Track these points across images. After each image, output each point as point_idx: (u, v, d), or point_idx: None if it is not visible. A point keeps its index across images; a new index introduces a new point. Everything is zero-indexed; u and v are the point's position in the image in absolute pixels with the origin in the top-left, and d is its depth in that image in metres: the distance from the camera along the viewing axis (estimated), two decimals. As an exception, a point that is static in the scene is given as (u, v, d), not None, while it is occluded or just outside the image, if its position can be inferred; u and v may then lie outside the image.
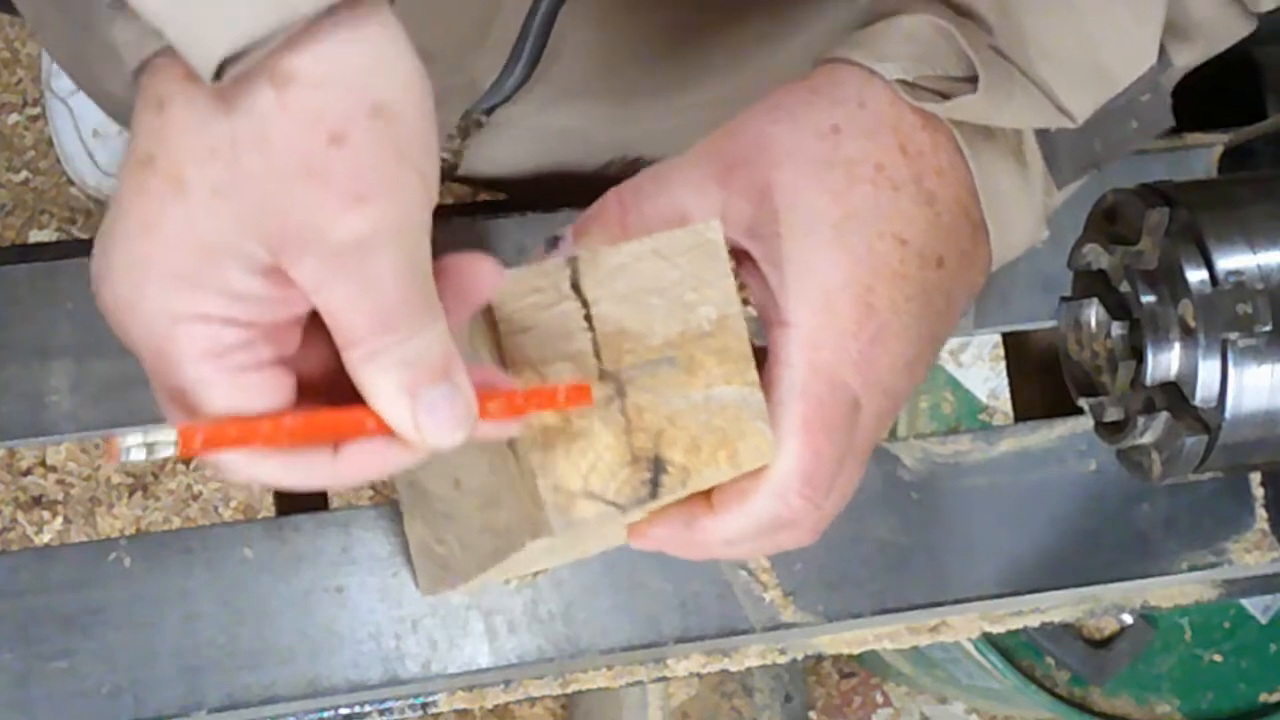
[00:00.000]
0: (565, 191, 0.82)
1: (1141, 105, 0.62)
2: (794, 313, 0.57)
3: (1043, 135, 0.62)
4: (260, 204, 0.46)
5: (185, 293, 0.48)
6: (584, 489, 0.55)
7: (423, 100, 0.48)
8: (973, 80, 0.58)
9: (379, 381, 0.49)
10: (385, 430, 0.50)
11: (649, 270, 0.56)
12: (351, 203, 0.47)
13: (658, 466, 0.56)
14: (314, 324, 0.50)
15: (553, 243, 0.61)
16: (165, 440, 0.48)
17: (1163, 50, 0.63)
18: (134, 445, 0.48)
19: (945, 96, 0.58)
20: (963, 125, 0.59)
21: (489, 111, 0.87)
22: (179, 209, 0.47)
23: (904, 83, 0.58)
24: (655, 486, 0.56)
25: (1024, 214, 0.62)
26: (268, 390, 0.50)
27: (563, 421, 0.55)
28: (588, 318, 0.56)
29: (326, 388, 0.52)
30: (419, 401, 0.49)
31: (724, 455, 0.57)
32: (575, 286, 0.56)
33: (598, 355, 0.56)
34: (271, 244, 0.47)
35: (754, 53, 0.84)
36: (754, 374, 0.57)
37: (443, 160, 0.92)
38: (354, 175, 0.46)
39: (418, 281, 0.49)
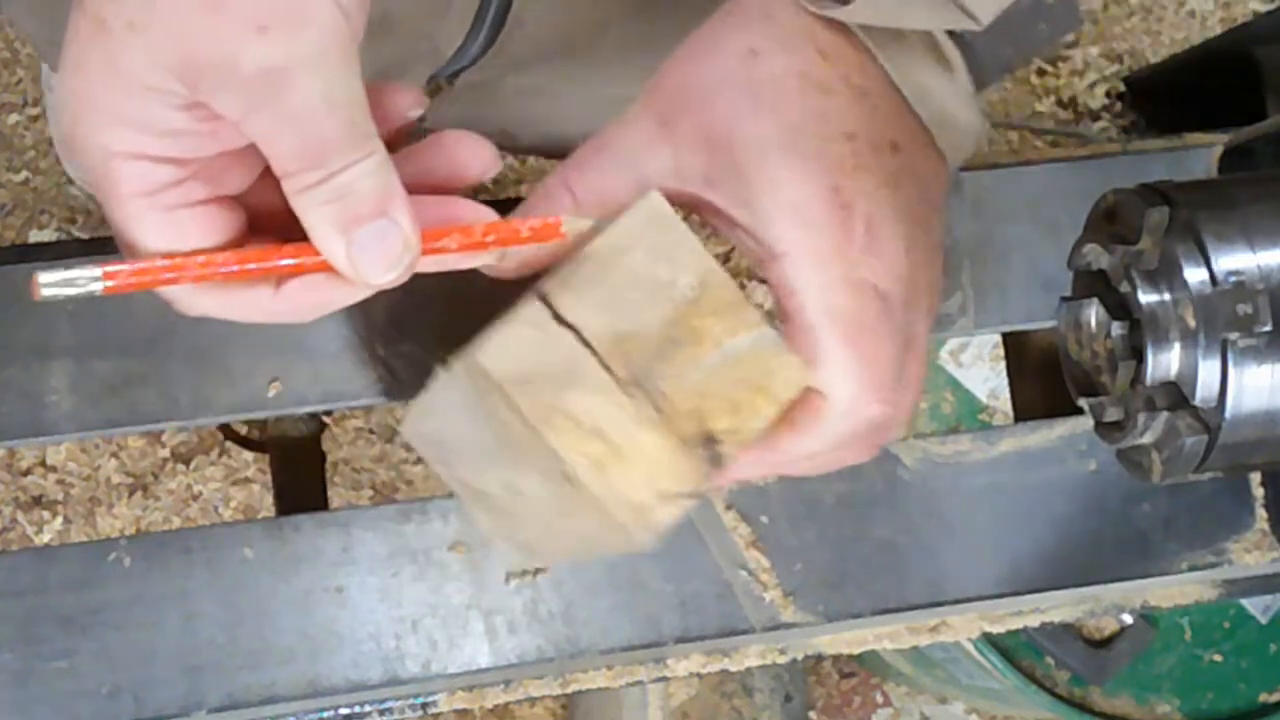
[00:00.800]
0: (532, 152, 0.82)
1: (1048, 7, 0.62)
2: (780, 241, 0.56)
3: (957, 39, 0.61)
4: (170, 38, 0.47)
5: (115, 129, 0.49)
6: (655, 495, 0.55)
7: None
8: None
9: (311, 215, 0.50)
10: (324, 266, 0.50)
11: (615, 268, 0.56)
12: (254, 33, 0.47)
13: (709, 441, 0.55)
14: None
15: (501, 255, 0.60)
16: (89, 276, 0.48)
17: None
18: (53, 283, 0.48)
19: (845, 3, 0.58)
20: (871, 31, 0.59)
21: (453, 77, 0.87)
22: (100, 47, 0.48)
23: None
24: (717, 458, 0.55)
25: (959, 107, 0.61)
26: (202, 229, 0.50)
27: (605, 445, 0.54)
28: (584, 342, 0.55)
29: (286, 222, 0.52)
30: (353, 236, 0.50)
31: (763, 400, 0.56)
32: (558, 319, 0.55)
33: (609, 370, 0.55)
34: (186, 77, 0.48)
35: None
36: (754, 313, 0.56)
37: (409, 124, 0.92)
38: (254, 5, 0.47)
39: (340, 112, 0.49)
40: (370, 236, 0.50)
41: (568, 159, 0.59)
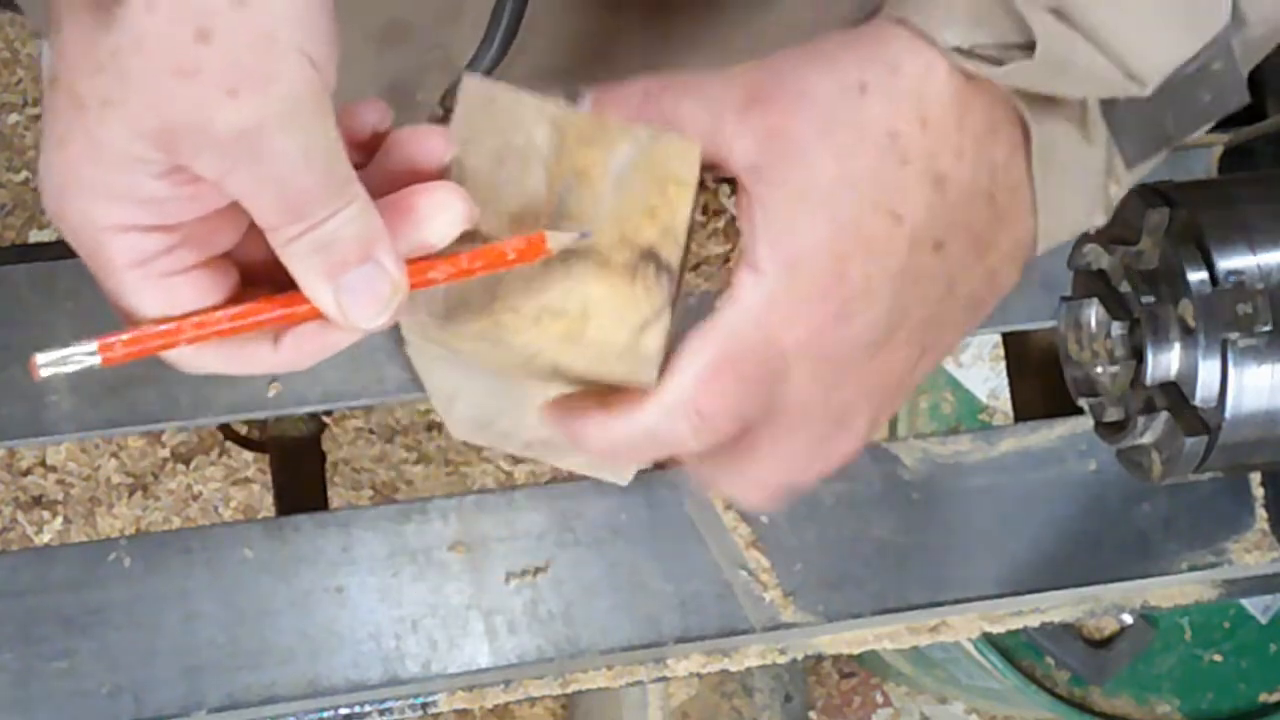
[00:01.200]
0: None
1: (1213, 74, 0.59)
2: (763, 261, 0.55)
3: (1109, 108, 0.58)
4: (144, 109, 0.48)
5: (102, 204, 0.50)
6: (633, 331, 0.55)
7: None
8: (1030, 47, 0.55)
9: (297, 266, 0.50)
10: (317, 314, 0.51)
11: (476, 161, 0.56)
12: (225, 97, 0.47)
13: (649, 256, 0.55)
14: None
15: (572, 97, 0.60)
16: (82, 352, 0.49)
17: (1235, 7, 0.60)
18: (48, 363, 0.49)
19: (999, 64, 0.56)
20: (1023, 95, 0.57)
21: None
22: (79, 124, 0.49)
23: (959, 50, 0.56)
24: (665, 265, 0.55)
25: (1081, 191, 0.59)
26: (196, 293, 0.51)
27: (562, 319, 0.55)
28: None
29: (276, 272, 0.52)
30: (339, 284, 0.50)
31: (673, 189, 0.56)
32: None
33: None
34: (164, 145, 0.48)
35: (734, 25, 0.84)
36: (616, 123, 0.56)
37: None
38: (224, 69, 0.47)
39: (320, 164, 0.49)
40: (357, 282, 0.51)
41: (645, 79, 0.58)
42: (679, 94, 0.58)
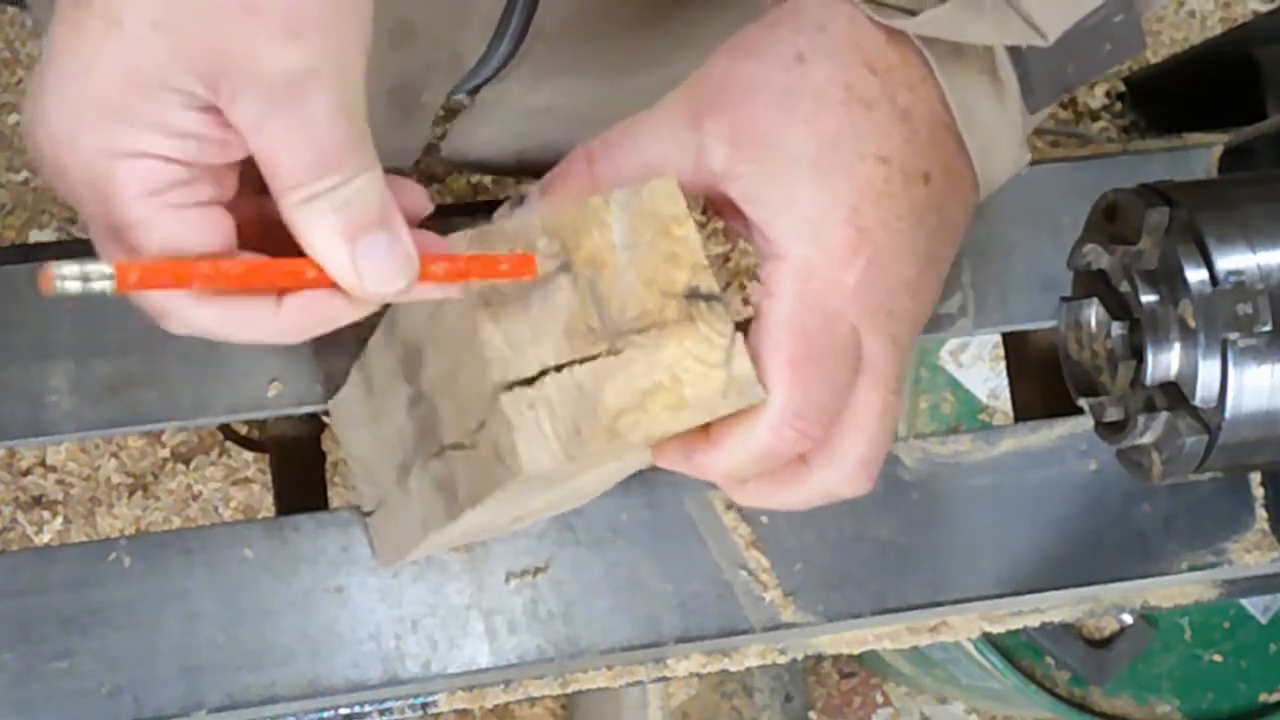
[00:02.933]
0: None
1: (1114, 26, 0.60)
2: (781, 244, 0.56)
3: (1015, 56, 0.60)
4: (197, 37, 0.47)
5: (124, 129, 0.49)
6: (720, 359, 0.55)
7: None
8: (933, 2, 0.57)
9: (317, 225, 0.50)
10: (326, 281, 0.50)
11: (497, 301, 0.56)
12: (286, 36, 0.47)
13: (693, 295, 0.56)
14: (244, 179, 0.50)
15: (518, 201, 0.60)
16: (101, 273, 0.48)
17: None
18: (70, 276, 0.47)
19: (912, 14, 0.57)
20: (932, 44, 0.58)
21: (474, 91, 0.87)
22: (116, 47, 0.48)
23: (870, 2, 0.57)
24: (711, 293, 0.56)
25: (1004, 135, 0.60)
26: (208, 229, 0.50)
27: (655, 392, 0.55)
28: (557, 369, 0.55)
29: (255, 244, 0.52)
30: (358, 246, 0.50)
31: (675, 227, 0.56)
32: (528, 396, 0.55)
33: (591, 359, 0.55)
34: (208, 79, 0.47)
35: (740, 22, 0.84)
36: (593, 201, 0.56)
37: (427, 142, 0.92)
38: (289, 9, 0.47)
39: (355, 123, 0.49)
40: (376, 245, 0.50)
41: (581, 148, 0.59)
42: (621, 144, 0.58)
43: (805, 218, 0.56)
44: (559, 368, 0.54)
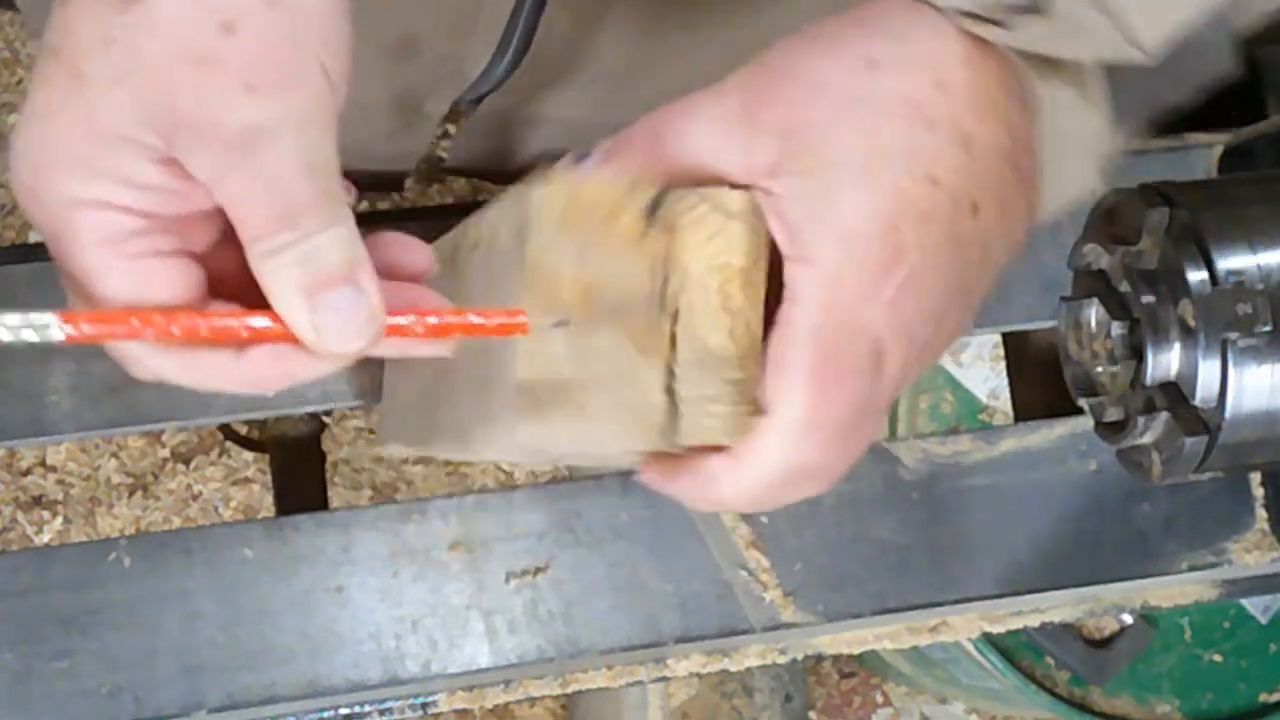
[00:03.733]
0: None
1: (1209, 44, 0.59)
2: (814, 249, 0.54)
3: (1107, 75, 0.58)
4: (154, 92, 0.47)
5: (83, 179, 0.48)
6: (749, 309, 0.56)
7: None
8: (1030, 10, 0.55)
9: (277, 279, 0.49)
10: (289, 336, 0.49)
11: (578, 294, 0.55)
12: (242, 92, 0.47)
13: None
14: (230, 223, 0.50)
15: (582, 156, 0.59)
16: (44, 322, 0.47)
17: None
18: (14, 326, 0.47)
19: (1004, 27, 0.55)
20: (1026, 57, 0.56)
21: (477, 102, 0.87)
22: (78, 98, 0.48)
23: (964, 13, 0.55)
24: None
25: (1082, 155, 0.59)
26: (168, 279, 0.50)
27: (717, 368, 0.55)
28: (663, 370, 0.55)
29: (245, 289, 0.51)
30: (317, 301, 0.49)
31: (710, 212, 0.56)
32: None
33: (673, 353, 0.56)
34: (165, 132, 0.47)
35: (744, 27, 0.83)
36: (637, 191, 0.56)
37: (430, 151, 0.92)
38: (245, 64, 0.47)
39: (318, 177, 0.48)
40: (336, 302, 0.49)
41: (647, 118, 0.58)
42: (677, 128, 0.57)
43: (844, 226, 0.54)
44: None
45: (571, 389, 0.54)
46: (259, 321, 0.50)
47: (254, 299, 0.50)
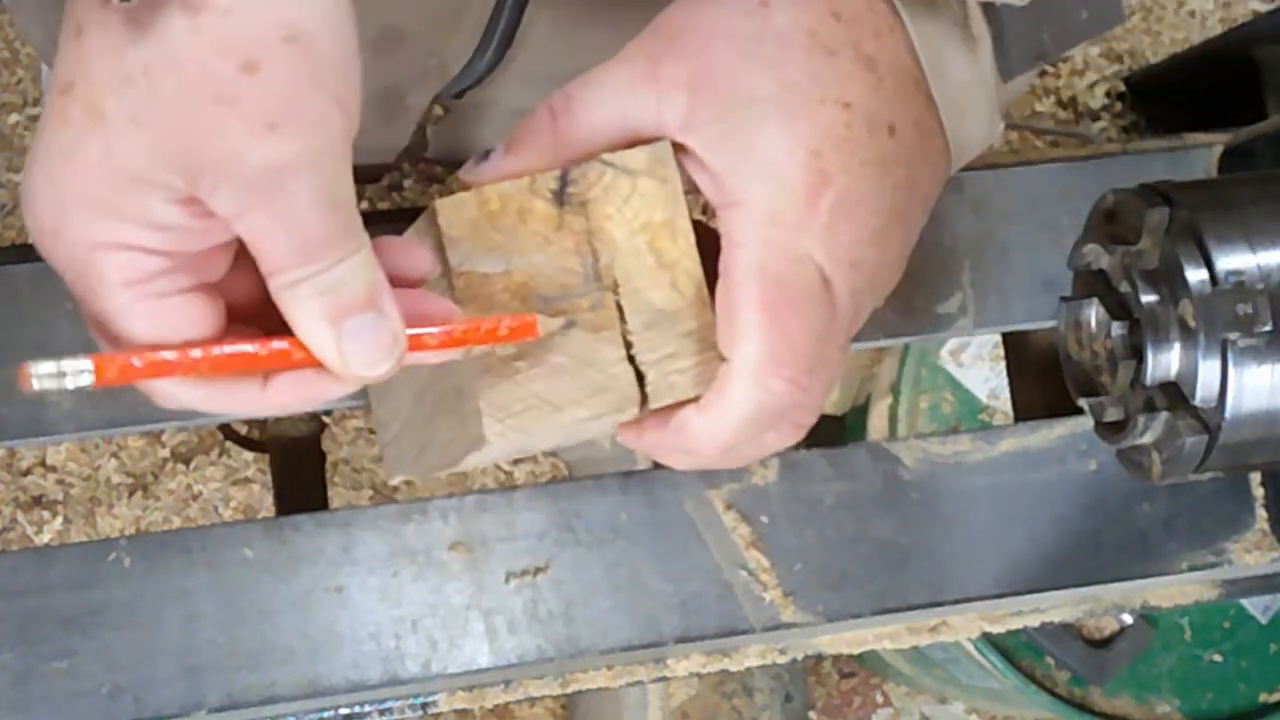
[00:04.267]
0: None
1: None
2: (741, 191, 0.55)
3: (989, 15, 0.59)
4: (174, 133, 0.47)
5: (105, 221, 0.48)
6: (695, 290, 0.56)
7: (340, 26, 0.48)
8: None
9: (301, 310, 0.49)
10: (312, 361, 0.50)
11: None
12: (264, 131, 0.47)
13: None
14: (244, 249, 0.50)
15: (484, 156, 0.59)
16: (79, 369, 0.48)
17: None
18: (45, 374, 0.48)
19: None
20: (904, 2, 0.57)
21: (459, 95, 0.87)
22: (97, 138, 0.48)
23: None
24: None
25: (977, 100, 0.60)
26: (191, 317, 0.50)
27: (670, 362, 0.56)
28: (637, 376, 0.56)
29: (259, 313, 0.52)
30: (342, 329, 0.49)
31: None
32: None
33: (629, 351, 0.56)
34: (187, 173, 0.47)
35: None
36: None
37: (412, 141, 0.92)
38: (266, 103, 0.47)
39: (338, 209, 0.49)
40: (360, 329, 0.50)
41: (546, 101, 0.58)
42: (583, 97, 0.58)
43: (767, 161, 0.55)
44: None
45: (536, 388, 0.55)
46: (283, 347, 0.50)
47: (272, 320, 0.51)
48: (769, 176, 0.55)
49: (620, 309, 0.56)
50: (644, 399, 0.56)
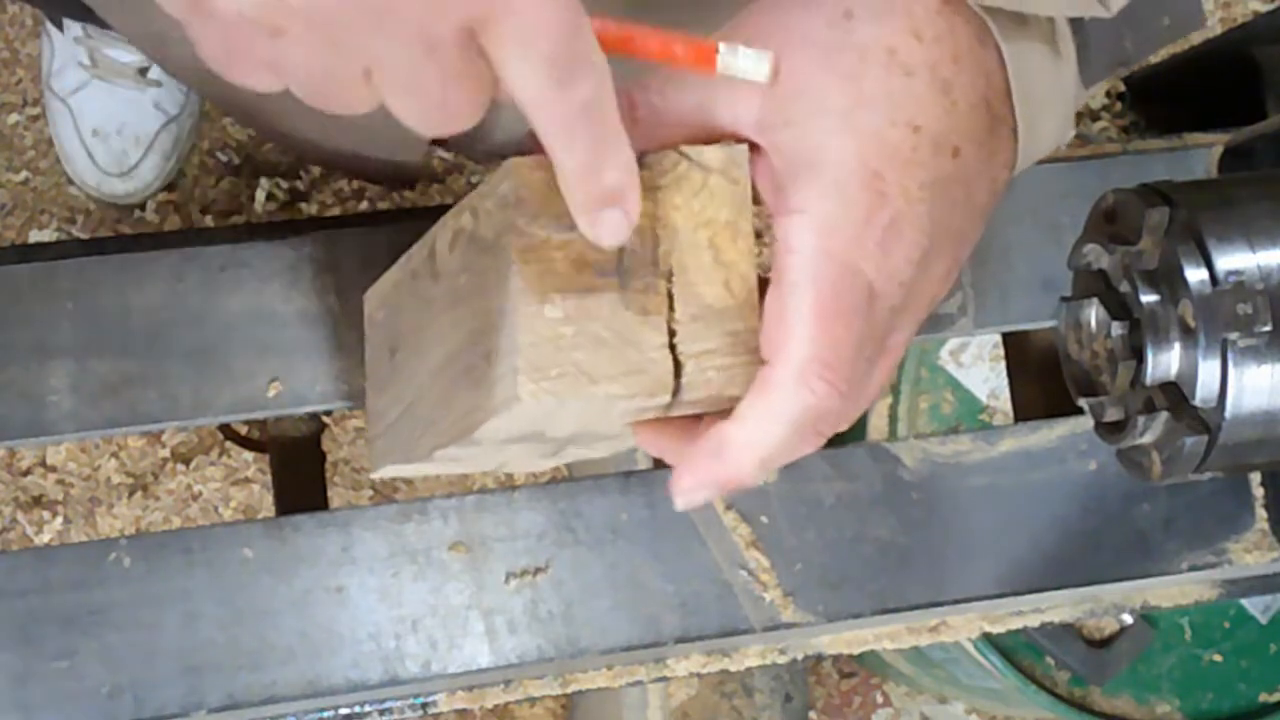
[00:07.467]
0: None
1: (1171, 1, 0.61)
2: (802, 199, 0.55)
3: (1075, 27, 0.59)
4: None
5: None
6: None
7: None
8: None
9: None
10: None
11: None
12: None
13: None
14: None
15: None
16: None
17: None
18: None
19: None
20: (995, 13, 0.57)
21: None
22: None
23: None
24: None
25: (1055, 108, 0.60)
26: None
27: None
28: (672, 349, 0.57)
29: None
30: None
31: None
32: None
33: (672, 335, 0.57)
34: None
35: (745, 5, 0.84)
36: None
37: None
38: None
39: None
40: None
41: (621, 89, 0.58)
42: (662, 90, 0.58)
43: (830, 174, 0.55)
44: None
45: (575, 356, 0.55)
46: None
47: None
48: (831, 190, 0.55)
49: (670, 297, 0.57)
50: (677, 389, 0.57)
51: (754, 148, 0.58)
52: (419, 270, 0.67)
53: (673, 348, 0.57)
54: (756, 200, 0.58)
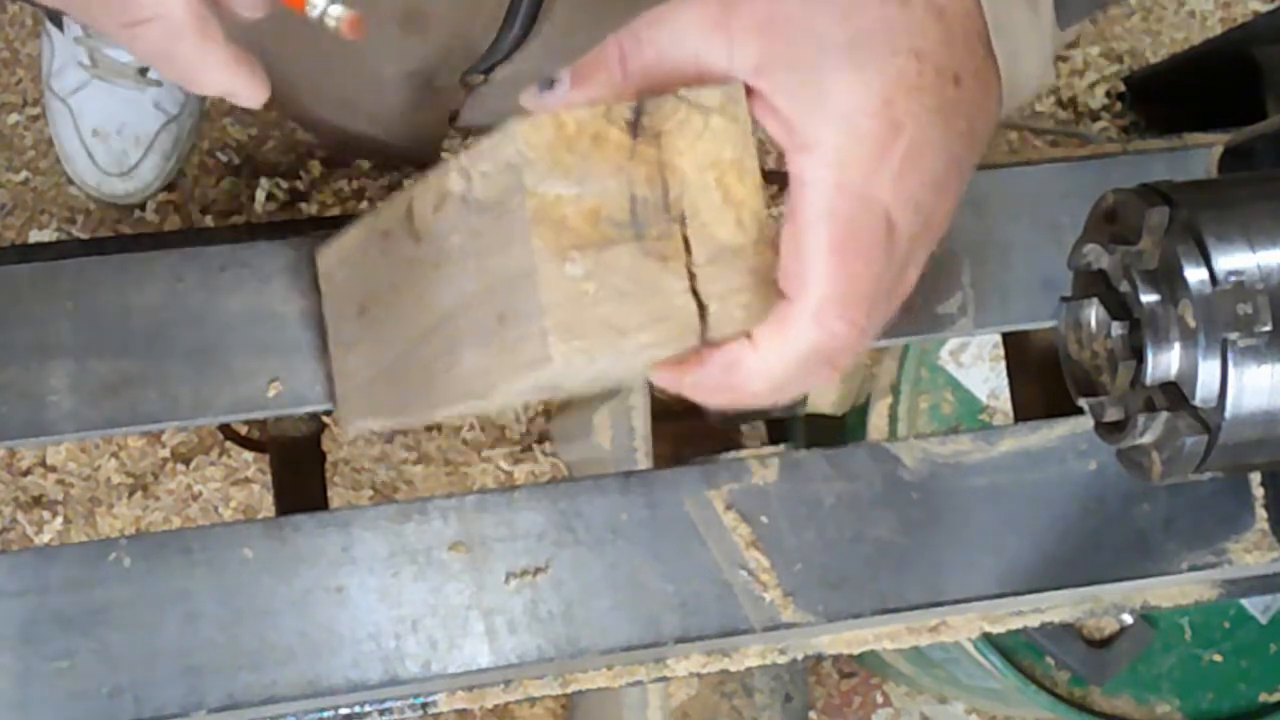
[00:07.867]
0: None
1: None
2: (813, 135, 0.55)
3: None
4: None
5: None
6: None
7: None
8: None
9: None
10: None
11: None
12: None
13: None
14: None
15: (548, 84, 0.59)
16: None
17: None
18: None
19: None
20: None
21: (487, 71, 0.87)
22: None
23: None
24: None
25: (1033, 50, 0.60)
26: None
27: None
28: (694, 292, 0.57)
29: None
30: None
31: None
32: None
33: (688, 263, 0.57)
34: None
35: None
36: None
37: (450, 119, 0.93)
38: None
39: None
40: None
41: (614, 36, 0.59)
42: (653, 38, 0.58)
43: (840, 109, 0.55)
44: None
45: (601, 311, 0.55)
46: None
47: None
48: (842, 123, 0.55)
49: (686, 241, 0.57)
50: (704, 330, 0.57)
51: (756, 93, 0.58)
52: (393, 230, 0.67)
53: (695, 291, 0.57)
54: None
